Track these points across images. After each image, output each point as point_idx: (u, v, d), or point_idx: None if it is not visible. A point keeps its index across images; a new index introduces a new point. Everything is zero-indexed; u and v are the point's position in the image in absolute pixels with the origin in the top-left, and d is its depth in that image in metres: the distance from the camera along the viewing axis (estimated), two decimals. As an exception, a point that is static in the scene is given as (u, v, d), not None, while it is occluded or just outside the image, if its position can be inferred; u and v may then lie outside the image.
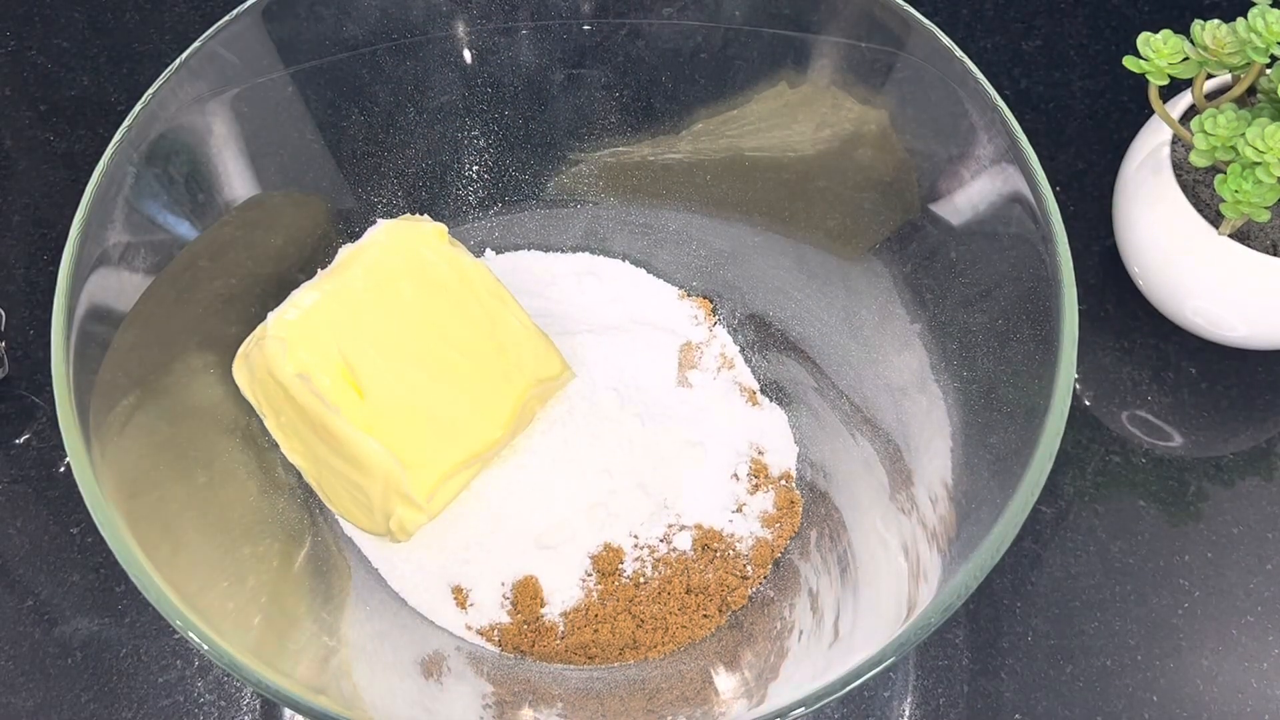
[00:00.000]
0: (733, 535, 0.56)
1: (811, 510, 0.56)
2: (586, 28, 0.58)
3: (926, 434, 0.52)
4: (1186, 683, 0.56)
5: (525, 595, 0.54)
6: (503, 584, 0.55)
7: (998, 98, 0.49)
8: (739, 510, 0.56)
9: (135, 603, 0.57)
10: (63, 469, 0.60)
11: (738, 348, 0.61)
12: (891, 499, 0.52)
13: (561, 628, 0.54)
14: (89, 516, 0.59)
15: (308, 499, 0.55)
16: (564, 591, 0.54)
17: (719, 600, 0.54)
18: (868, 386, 0.56)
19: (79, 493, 0.59)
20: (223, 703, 0.56)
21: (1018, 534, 0.58)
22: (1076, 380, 0.63)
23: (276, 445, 0.55)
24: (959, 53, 0.50)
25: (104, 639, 0.56)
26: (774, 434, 0.59)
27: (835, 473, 0.57)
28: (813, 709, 0.40)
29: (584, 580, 0.55)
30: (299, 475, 0.55)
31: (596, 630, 0.54)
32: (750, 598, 0.55)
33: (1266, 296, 0.56)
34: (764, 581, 0.55)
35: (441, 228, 0.55)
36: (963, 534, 0.45)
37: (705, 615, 0.54)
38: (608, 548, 0.55)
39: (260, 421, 0.54)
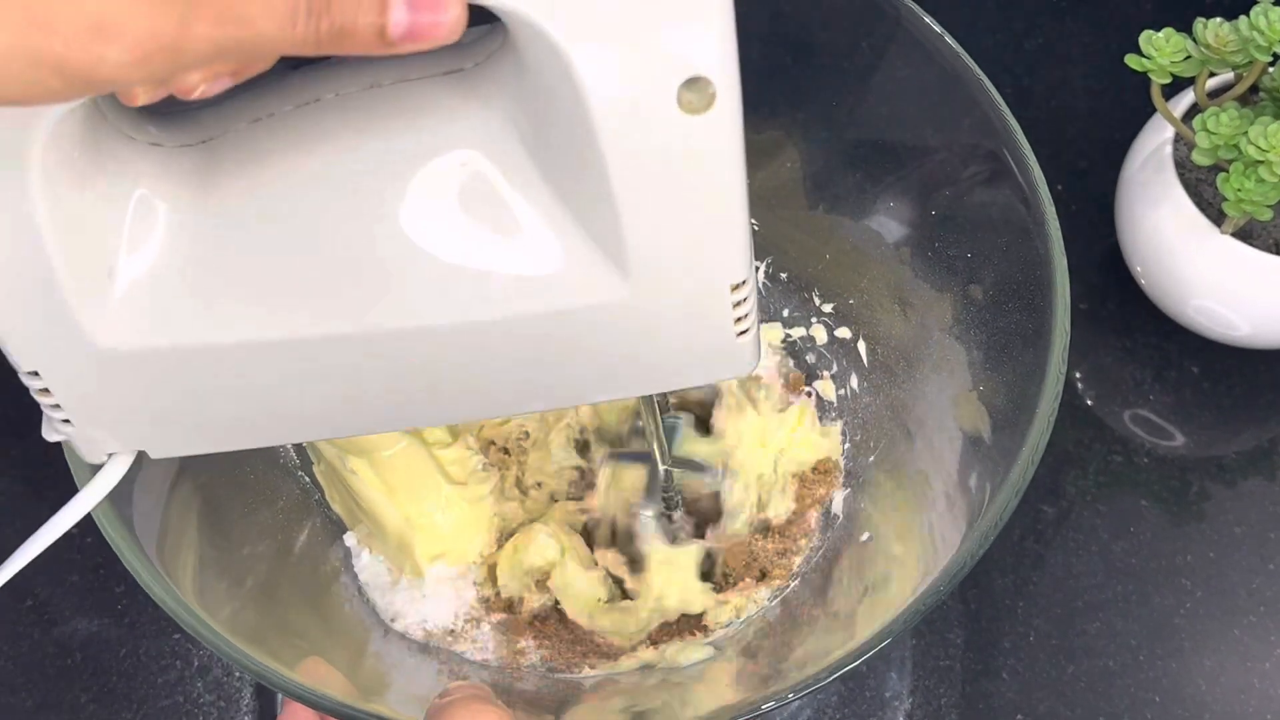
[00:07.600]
0: None
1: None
2: None
3: (928, 390, 0.52)
4: (1189, 683, 0.56)
5: None
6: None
7: (979, 72, 0.48)
8: None
9: (135, 603, 0.57)
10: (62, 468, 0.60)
11: None
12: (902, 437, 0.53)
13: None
14: (89, 516, 0.59)
15: None
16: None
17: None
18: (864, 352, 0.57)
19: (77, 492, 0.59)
20: (222, 703, 0.55)
21: (1018, 534, 0.58)
22: (1078, 379, 0.62)
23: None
24: (948, 37, 0.49)
25: (104, 639, 0.56)
26: None
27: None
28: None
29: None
30: None
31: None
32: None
33: (1269, 295, 0.56)
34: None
35: None
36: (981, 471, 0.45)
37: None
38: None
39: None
